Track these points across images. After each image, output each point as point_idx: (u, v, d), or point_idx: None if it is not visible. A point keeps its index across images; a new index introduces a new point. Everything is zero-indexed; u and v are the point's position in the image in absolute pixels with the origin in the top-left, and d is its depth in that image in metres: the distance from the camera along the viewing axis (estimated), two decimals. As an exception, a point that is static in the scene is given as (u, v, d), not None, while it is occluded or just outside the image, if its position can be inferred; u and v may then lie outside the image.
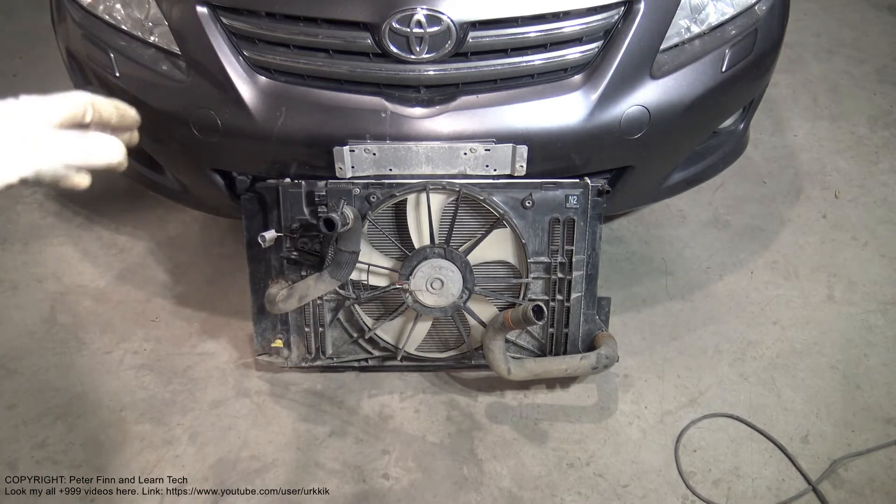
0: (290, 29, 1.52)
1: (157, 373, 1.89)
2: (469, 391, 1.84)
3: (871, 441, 1.73)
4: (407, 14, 1.46)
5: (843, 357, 1.92)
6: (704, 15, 1.66)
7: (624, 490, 1.65)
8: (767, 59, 1.78)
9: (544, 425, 1.77)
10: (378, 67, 1.54)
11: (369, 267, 1.70)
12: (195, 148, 1.64)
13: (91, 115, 0.73)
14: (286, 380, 1.87)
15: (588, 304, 1.78)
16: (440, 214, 1.68)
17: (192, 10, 1.54)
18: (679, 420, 1.78)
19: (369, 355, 1.84)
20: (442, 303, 1.73)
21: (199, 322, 2.01)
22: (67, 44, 1.75)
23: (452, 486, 1.65)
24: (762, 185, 2.46)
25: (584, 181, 1.66)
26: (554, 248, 1.72)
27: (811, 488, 1.64)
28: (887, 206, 2.38)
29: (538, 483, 1.66)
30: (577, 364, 1.72)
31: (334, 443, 1.73)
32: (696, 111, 1.65)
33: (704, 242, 2.26)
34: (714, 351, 1.94)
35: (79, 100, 0.72)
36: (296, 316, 1.78)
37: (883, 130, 2.70)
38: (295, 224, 1.68)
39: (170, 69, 1.62)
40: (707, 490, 1.65)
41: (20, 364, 1.91)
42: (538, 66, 1.57)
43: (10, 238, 2.28)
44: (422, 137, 1.57)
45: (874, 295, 2.09)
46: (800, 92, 2.88)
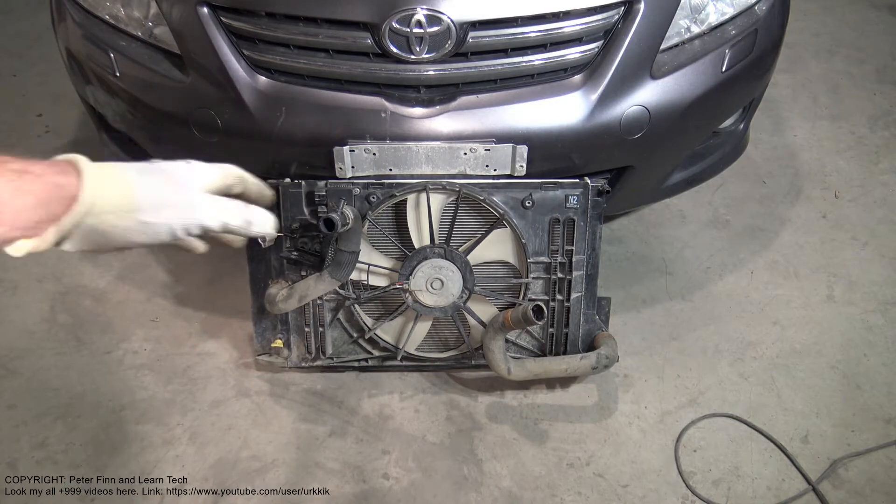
0: (290, 29, 1.52)
1: (157, 373, 1.89)
2: (469, 391, 1.84)
3: (871, 441, 1.73)
4: (407, 14, 1.46)
5: (843, 357, 1.92)
6: (704, 15, 1.66)
7: (624, 490, 1.65)
8: (767, 59, 1.78)
9: (544, 425, 1.77)
10: (378, 67, 1.54)
11: (369, 267, 1.70)
12: (195, 148, 1.64)
13: (240, 188, 0.82)
14: (286, 380, 1.87)
15: (588, 304, 1.78)
16: (440, 214, 1.68)
17: (193, 10, 1.54)
18: (679, 420, 1.78)
19: (369, 355, 1.84)
20: (442, 303, 1.73)
21: (199, 322, 2.01)
22: (67, 44, 1.75)
23: (452, 486, 1.65)
24: (762, 185, 2.46)
25: (584, 181, 1.66)
26: (554, 248, 1.72)
27: (811, 488, 1.64)
28: (887, 206, 2.38)
29: (538, 483, 1.66)
30: (577, 364, 1.72)
31: (334, 443, 1.73)
32: (696, 111, 1.65)
33: (704, 242, 2.26)
34: (714, 351, 1.94)
35: (233, 172, 0.80)
36: (296, 316, 1.78)
37: (883, 130, 2.70)
38: (295, 224, 1.68)
39: (170, 69, 1.62)
40: (707, 490, 1.65)
41: (20, 364, 1.91)
42: (538, 66, 1.57)
43: (10, 238, 2.28)
44: (422, 137, 1.57)
45: (874, 295, 2.09)
46: (800, 92, 2.88)
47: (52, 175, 0.65)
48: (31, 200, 0.63)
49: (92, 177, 0.67)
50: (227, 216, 0.77)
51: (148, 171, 0.73)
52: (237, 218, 0.78)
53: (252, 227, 0.79)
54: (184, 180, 0.75)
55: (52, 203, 0.65)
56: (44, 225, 0.65)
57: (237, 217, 0.78)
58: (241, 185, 0.82)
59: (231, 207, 0.78)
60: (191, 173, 0.77)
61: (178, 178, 0.75)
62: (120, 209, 0.69)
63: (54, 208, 0.65)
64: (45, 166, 0.65)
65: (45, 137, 2.70)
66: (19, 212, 0.62)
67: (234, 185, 0.81)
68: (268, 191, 0.86)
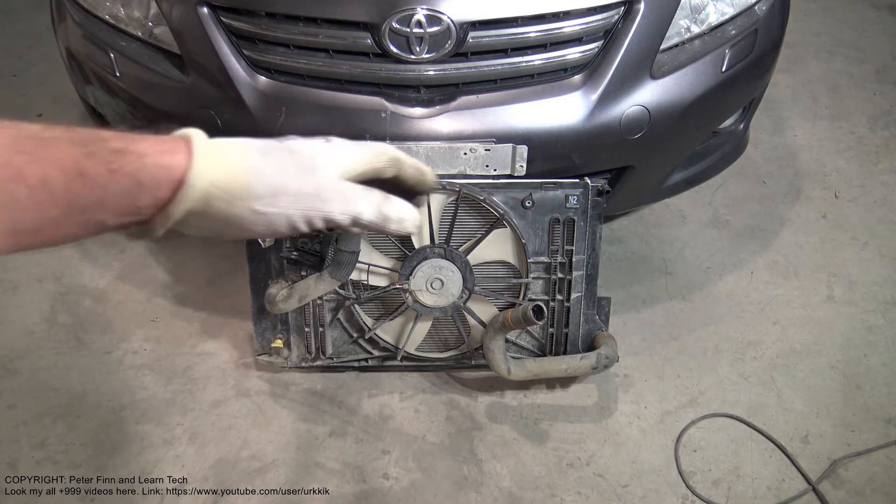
0: (290, 29, 1.52)
1: (157, 373, 1.89)
2: (469, 391, 1.84)
3: (871, 441, 1.73)
4: (407, 14, 1.46)
5: (843, 357, 1.92)
6: (704, 15, 1.66)
7: (624, 490, 1.65)
8: (767, 59, 1.78)
9: (544, 425, 1.77)
10: (378, 67, 1.54)
11: (369, 267, 1.70)
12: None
13: (393, 172, 0.69)
14: (286, 380, 1.87)
15: (588, 304, 1.78)
16: (440, 214, 1.68)
17: (193, 10, 1.54)
18: (679, 420, 1.78)
19: (369, 355, 1.84)
20: (442, 303, 1.73)
21: (199, 322, 2.01)
22: (67, 44, 1.75)
23: (452, 486, 1.65)
24: (762, 185, 2.46)
25: (584, 181, 1.66)
26: (554, 248, 1.72)
27: (811, 488, 1.64)
28: (887, 206, 2.38)
29: (538, 483, 1.66)
30: (577, 364, 1.72)
31: (334, 443, 1.73)
32: (696, 111, 1.65)
33: (704, 242, 2.26)
34: (714, 351, 1.94)
35: (385, 154, 0.68)
36: (296, 316, 1.78)
37: (883, 130, 2.70)
38: (295, 224, 1.67)
39: (170, 69, 1.62)
40: (707, 490, 1.65)
41: (20, 364, 1.91)
42: (538, 66, 1.57)
43: (10, 238, 2.28)
44: (422, 137, 1.57)
45: (874, 295, 2.09)
46: (800, 92, 2.88)
47: (157, 155, 0.57)
48: (131, 184, 0.56)
49: (204, 158, 0.59)
50: (360, 208, 0.65)
51: (274, 150, 0.63)
52: (372, 212, 0.66)
53: (390, 224, 0.68)
54: (317, 164, 0.64)
55: (158, 187, 0.57)
56: (150, 210, 0.58)
57: (372, 211, 0.66)
58: (394, 168, 0.69)
59: (367, 200, 0.66)
60: (327, 155, 0.65)
61: (310, 161, 0.64)
62: (232, 196, 0.60)
63: (161, 193, 0.57)
64: (152, 143, 0.58)
65: (45, 137, 2.69)
66: (120, 196, 0.56)
67: (385, 168, 0.68)
68: (429, 175, 0.72)
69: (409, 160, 0.70)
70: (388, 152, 0.68)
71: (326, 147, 0.66)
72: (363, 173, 0.66)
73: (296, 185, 0.62)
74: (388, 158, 0.68)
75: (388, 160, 0.68)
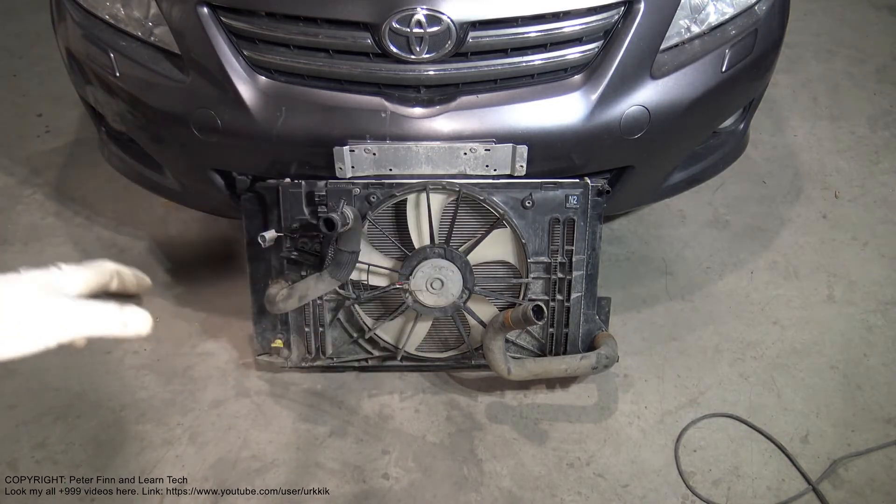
0: (290, 29, 1.52)
1: (157, 373, 1.89)
2: (469, 391, 1.84)
3: (871, 441, 1.73)
4: (407, 14, 1.46)
5: (843, 357, 1.92)
6: (704, 15, 1.66)
7: (624, 490, 1.65)
8: (767, 59, 1.78)
9: (544, 425, 1.77)
10: (378, 67, 1.54)
11: (369, 267, 1.70)
12: (195, 148, 1.64)
13: (116, 284, 0.80)
14: (286, 380, 1.87)
15: (588, 304, 1.78)
16: (440, 214, 1.68)
17: (193, 10, 1.54)
18: (679, 420, 1.78)
19: (369, 355, 1.84)
20: (442, 303, 1.73)
21: (199, 322, 2.01)
22: (67, 44, 1.75)
23: (452, 486, 1.65)
24: (762, 185, 2.46)
25: (584, 181, 1.66)
26: (554, 248, 1.72)
27: (811, 488, 1.64)
28: (887, 206, 2.38)
29: (538, 483, 1.66)
30: (577, 364, 1.72)
31: (334, 443, 1.73)
32: (696, 111, 1.65)
33: (704, 242, 2.26)
34: (714, 351, 1.94)
35: (106, 270, 0.78)
36: (296, 316, 1.78)
37: (883, 130, 2.70)
38: (295, 224, 1.68)
39: (170, 69, 1.62)
40: (707, 490, 1.65)
41: (20, 364, 1.90)
42: (538, 66, 1.57)
43: (10, 238, 2.28)
44: (422, 137, 1.57)
45: (874, 295, 2.09)
46: (800, 92, 2.88)
47: None
48: None
49: None
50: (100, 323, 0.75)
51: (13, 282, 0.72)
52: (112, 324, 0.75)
53: (128, 329, 0.76)
54: (54, 288, 0.73)
55: None
56: None
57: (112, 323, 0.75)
58: (117, 279, 0.80)
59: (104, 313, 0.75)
60: (61, 279, 0.74)
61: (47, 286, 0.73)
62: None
63: None
64: None
65: (45, 137, 2.70)
66: None
67: (109, 282, 0.79)
68: (146, 280, 0.85)
69: (127, 270, 0.81)
70: (109, 267, 0.79)
71: (59, 273, 0.75)
72: (93, 290, 0.76)
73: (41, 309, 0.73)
74: (109, 272, 0.79)
75: (110, 273, 0.79)
